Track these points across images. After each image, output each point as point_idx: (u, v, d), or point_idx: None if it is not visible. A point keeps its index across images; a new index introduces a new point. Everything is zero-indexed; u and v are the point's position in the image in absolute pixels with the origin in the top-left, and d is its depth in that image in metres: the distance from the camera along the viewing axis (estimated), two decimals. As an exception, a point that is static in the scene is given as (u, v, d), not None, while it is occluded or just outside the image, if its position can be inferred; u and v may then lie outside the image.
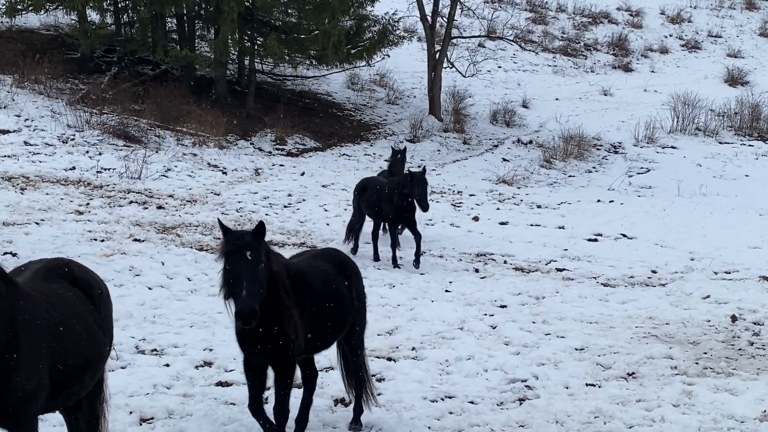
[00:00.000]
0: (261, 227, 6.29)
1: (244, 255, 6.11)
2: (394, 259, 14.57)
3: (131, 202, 16.51)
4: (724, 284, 13.87)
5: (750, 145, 28.93)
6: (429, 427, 7.73)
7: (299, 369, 7.43)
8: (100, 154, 19.12)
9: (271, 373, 6.79)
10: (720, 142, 29.28)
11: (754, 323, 11.57)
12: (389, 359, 9.66)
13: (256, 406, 6.77)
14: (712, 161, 26.72)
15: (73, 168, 18.00)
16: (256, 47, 26.31)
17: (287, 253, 9.45)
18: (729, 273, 14.80)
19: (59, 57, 24.86)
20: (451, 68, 31.17)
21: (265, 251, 6.29)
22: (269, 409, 6.88)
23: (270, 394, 7.27)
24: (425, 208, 14.24)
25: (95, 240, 13.49)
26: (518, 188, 22.78)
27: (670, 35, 43.97)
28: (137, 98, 23.45)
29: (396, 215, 14.51)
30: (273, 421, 6.73)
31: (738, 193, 22.92)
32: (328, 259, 7.45)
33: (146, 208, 16.22)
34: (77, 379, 5.48)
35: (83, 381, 5.58)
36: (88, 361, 5.56)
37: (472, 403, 8.41)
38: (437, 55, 29.56)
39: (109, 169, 18.24)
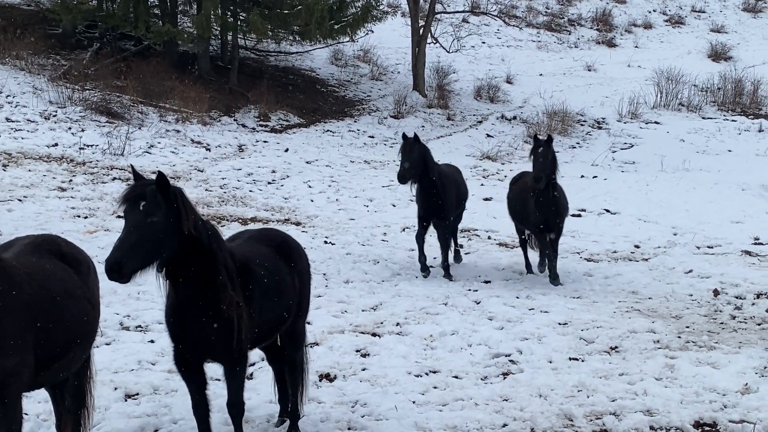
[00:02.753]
0: (161, 178, 5.56)
1: (136, 205, 5.47)
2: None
3: (114, 178, 16.43)
4: (706, 259, 13.96)
5: (733, 120, 29.01)
6: (414, 402, 7.75)
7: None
8: (82, 130, 18.99)
9: (213, 369, 6.23)
10: (703, 118, 29.34)
11: (736, 297, 11.64)
12: (374, 334, 9.70)
13: (201, 414, 6.07)
14: (695, 136, 26.79)
15: (56, 144, 17.88)
16: (238, 22, 26.12)
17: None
18: (711, 247, 14.89)
19: (41, 32, 24.63)
20: (435, 44, 31.07)
21: (167, 208, 5.51)
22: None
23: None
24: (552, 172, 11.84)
25: (78, 217, 13.45)
26: (502, 164, 22.78)
27: (654, 10, 43.96)
28: (119, 74, 23.26)
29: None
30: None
31: (721, 168, 23.00)
32: (268, 242, 6.71)
33: (129, 185, 16.13)
34: (65, 355, 5.43)
35: (72, 357, 5.53)
36: (77, 336, 5.50)
37: (456, 377, 8.45)
38: (421, 31, 29.44)
39: (91, 146, 18.12)
